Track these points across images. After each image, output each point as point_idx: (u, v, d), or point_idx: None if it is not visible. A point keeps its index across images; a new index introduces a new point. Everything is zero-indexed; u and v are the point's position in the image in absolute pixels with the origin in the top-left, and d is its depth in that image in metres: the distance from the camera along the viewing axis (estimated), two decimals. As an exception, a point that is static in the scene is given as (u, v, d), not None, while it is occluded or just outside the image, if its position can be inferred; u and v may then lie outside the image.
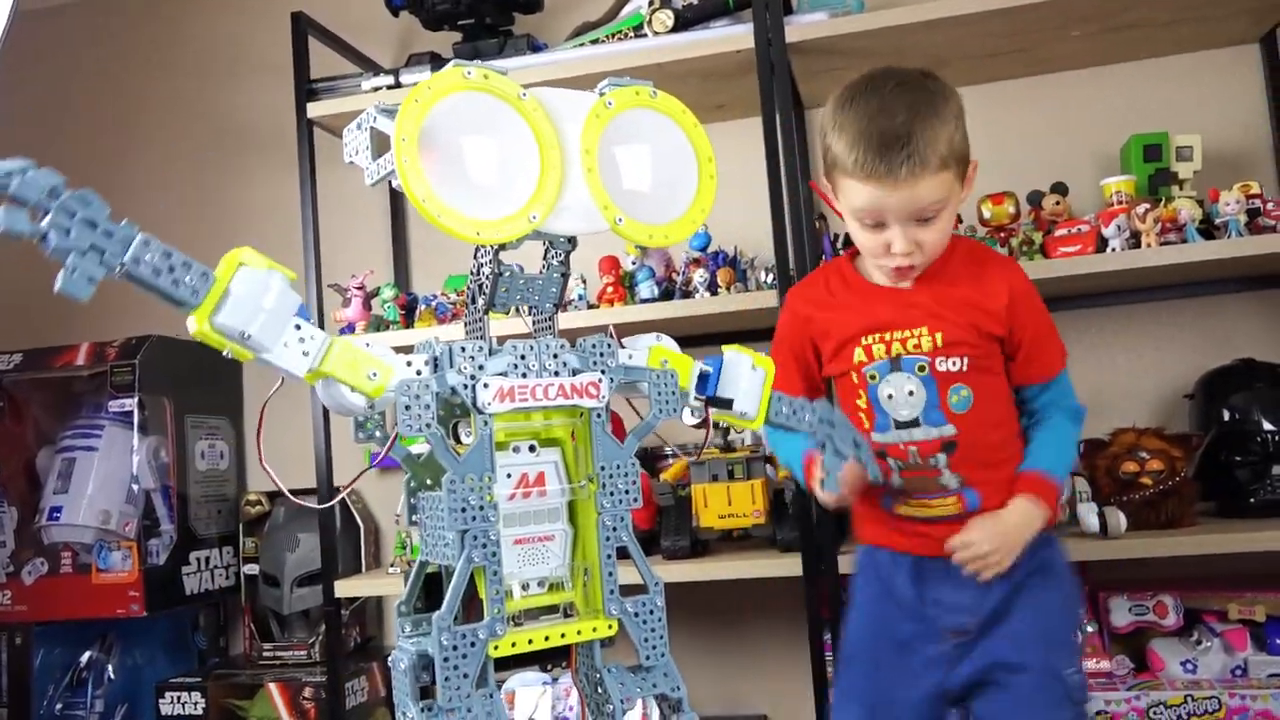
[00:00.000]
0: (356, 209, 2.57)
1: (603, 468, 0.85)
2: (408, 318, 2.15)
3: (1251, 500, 1.82)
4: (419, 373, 0.80)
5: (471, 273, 0.88)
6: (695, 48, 1.98)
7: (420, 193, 0.77)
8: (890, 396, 1.37)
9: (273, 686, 2.28)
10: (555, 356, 0.84)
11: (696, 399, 0.95)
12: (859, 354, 1.39)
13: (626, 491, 0.86)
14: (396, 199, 2.57)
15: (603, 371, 0.86)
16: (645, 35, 2.05)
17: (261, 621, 2.45)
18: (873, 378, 1.38)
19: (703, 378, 0.95)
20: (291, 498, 0.94)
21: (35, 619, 2.34)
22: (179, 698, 2.31)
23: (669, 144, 0.91)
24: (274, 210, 2.62)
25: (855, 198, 1.32)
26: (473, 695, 0.78)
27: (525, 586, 0.86)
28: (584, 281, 2.06)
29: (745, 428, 1.04)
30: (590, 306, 2.05)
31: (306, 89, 2.20)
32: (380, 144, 0.82)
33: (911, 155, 1.26)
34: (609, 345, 0.87)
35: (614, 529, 0.85)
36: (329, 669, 2.18)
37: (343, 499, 2.40)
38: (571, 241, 0.90)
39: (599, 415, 0.86)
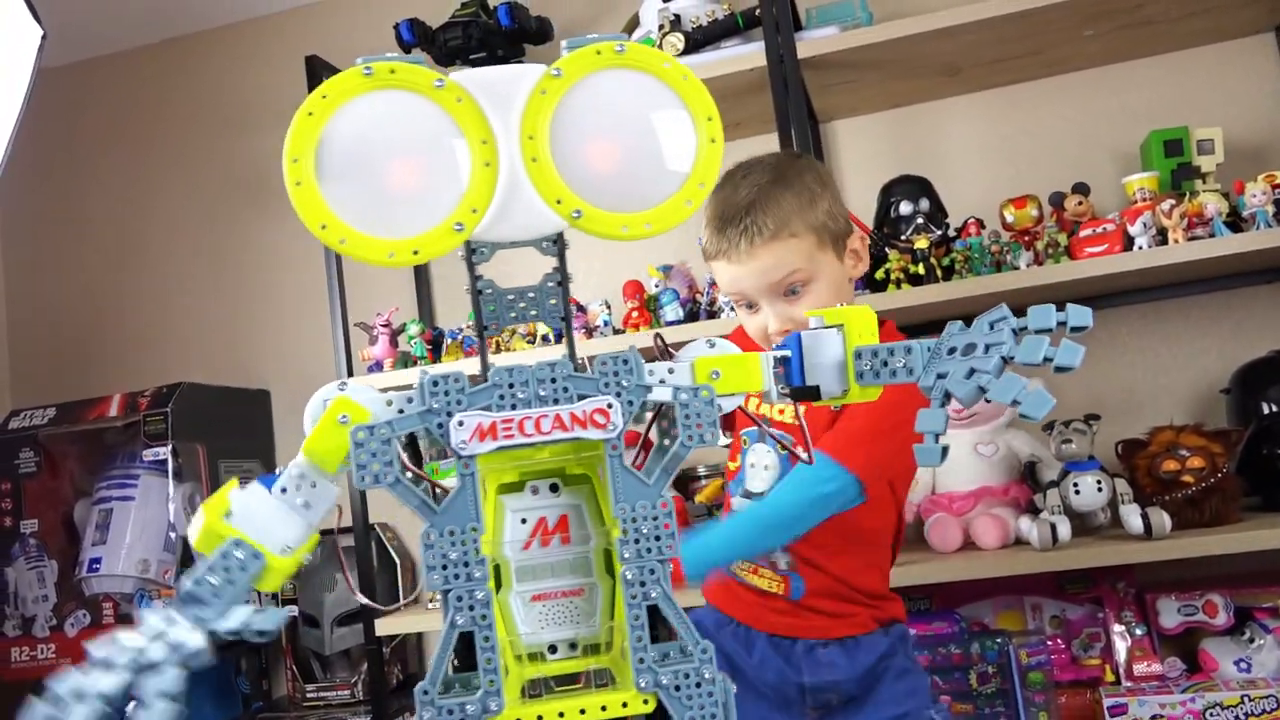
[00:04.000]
0: (378, 246, 2.59)
1: (623, 509, 0.69)
2: (435, 352, 2.16)
3: (1297, 493, 1.79)
4: (401, 411, 0.69)
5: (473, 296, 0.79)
6: (708, 69, 1.99)
7: (316, 221, 0.68)
8: (752, 465, 1.35)
9: (318, 727, 2.28)
10: (553, 381, 0.69)
11: (782, 392, 0.77)
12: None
13: (657, 538, 0.68)
14: (417, 234, 2.58)
15: (617, 394, 0.69)
16: (657, 59, 2.05)
17: (303, 663, 2.45)
18: (744, 442, 1.37)
19: (786, 365, 0.77)
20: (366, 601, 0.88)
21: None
22: (225, 743, 2.32)
23: (650, 108, 0.73)
24: (297, 253, 2.64)
25: (720, 278, 1.35)
26: None
27: (553, 649, 0.74)
28: (609, 307, 2.06)
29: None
30: (616, 331, 2.05)
31: (324, 131, 2.21)
32: None
33: (748, 227, 1.28)
34: (627, 363, 0.70)
35: (641, 584, 0.68)
36: (373, 707, 2.18)
37: (378, 535, 2.40)
38: (556, 242, 0.76)
39: (614, 448, 0.69)
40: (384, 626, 2.14)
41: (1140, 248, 1.78)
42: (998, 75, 2.17)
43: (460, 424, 0.67)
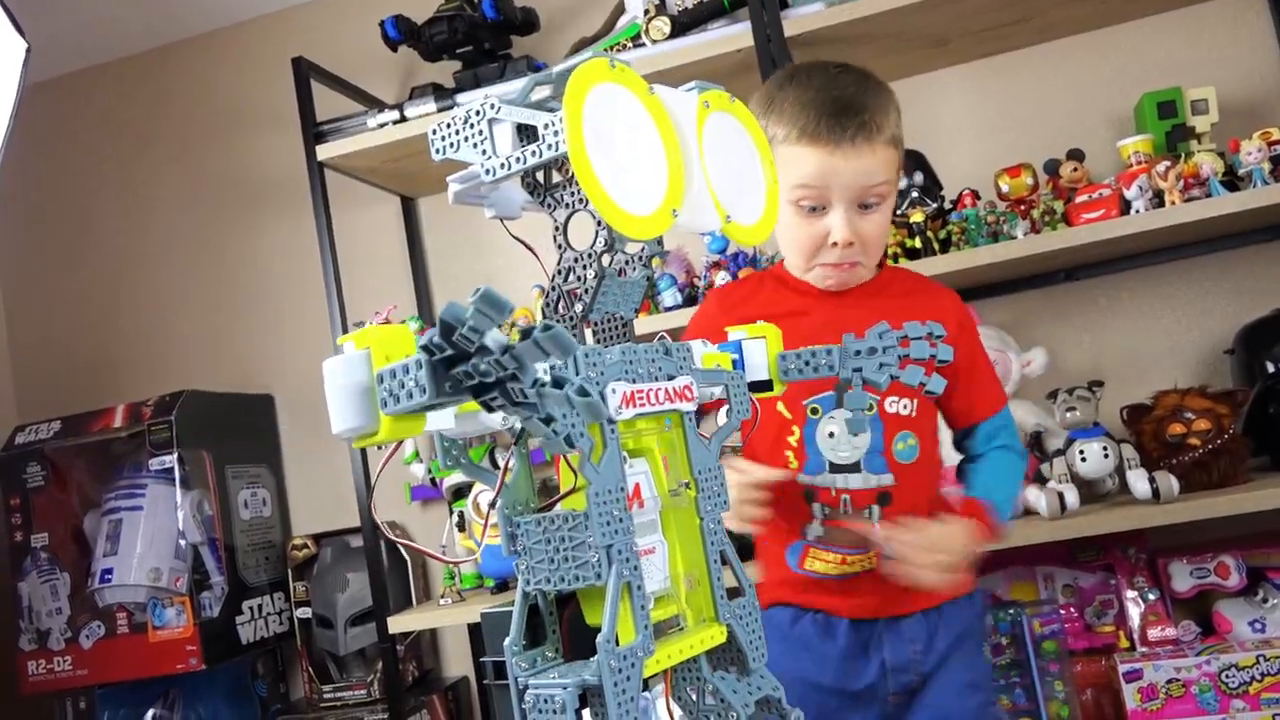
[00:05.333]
0: (373, 246, 2.59)
1: (700, 472, 0.83)
2: (435, 349, 2.15)
3: (1305, 451, 1.79)
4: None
5: (554, 278, 0.84)
6: (695, 51, 1.98)
7: (594, 187, 0.74)
8: (832, 435, 1.25)
9: (336, 728, 2.29)
10: (654, 361, 0.81)
11: None
12: None
13: (719, 495, 0.83)
14: (412, 230, 2.58)
15: (689, 374, 0.84)
16: (644, 44, 2.04)
17: (319, 664, 2.45)
18: (814, 412, 1.25)
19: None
20: (435, 555, 0.86)
21: (97, 681, 2.36)
22: (245, 747, 2.33)
23: (743, 147, 0.90)
24: (294, 255, 2.64)
25: (801, 168, 1.22)
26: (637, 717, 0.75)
27: None
28: (606, 295, 2.05)
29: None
30: (615, 319, 2.04)
31: (314, 132, 2.21)
32: (502, 136, 0.78)
33: (865, 122, 1.21)
34: (688, 349, 0.84)
35: (715, 532, 0.83)
36: (390, 705, 2.18)
37: (388, 535, 2.40)
38: (660, 243, 0.86)
39: (690, 419, 0.83)
40: (397, 624, 2.14)
41: (1137, 211, 1.77)
42: (987, 44, 2.16)
43: (614, 391, 0.77)
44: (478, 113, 0.80)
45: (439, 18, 2.23)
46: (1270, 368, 1.86)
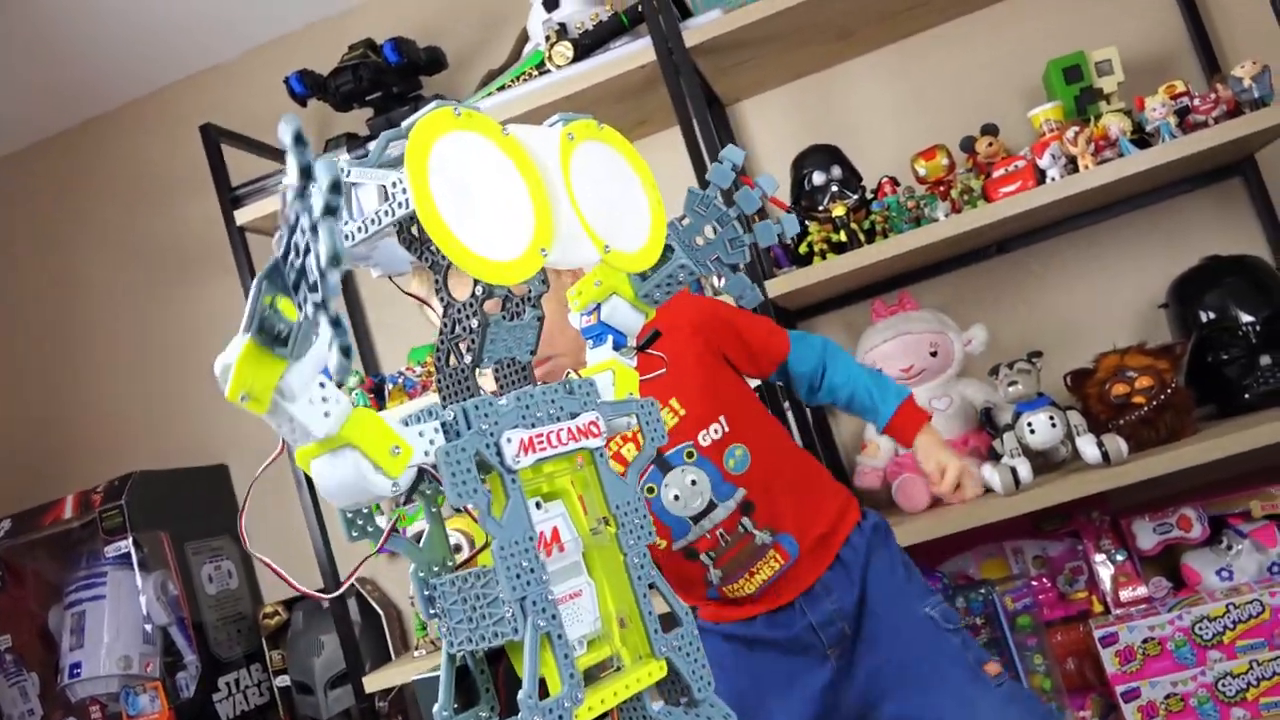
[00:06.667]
0: (310, 302, 2.56)
1: (617, 507, 0.82)
2: (378, 399, 2.13)
3: (1246, 395, 1.80)
4: (431, 441, 0.75)
5: (444, 330, 0.84)
6: (600, 72, 1.97)
7: (447, 239, 0.71)
8: (677, 498, 1.32)
9: (327, 794, 2.25)
10: (553, 401, 0.80)
11: (632, 350, 0.93)
12: None
13: (642, 527, 0.83)
14: (346, 282, 2.55)
15: (594, 410, 0.82)
16: (549, 70, 2.03)
17: (304, 731, 2.42)
18: (650, 490, 1.33)
19: (617, 346, 0.92)
20: (297, 586, 0.82)
21: (77, 779, 2.31)
22: (237, 825, 2.28)
23: (618, 173, 0.89)
24: (223, 320, 2.59)
25: None
26: None
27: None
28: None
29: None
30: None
31: (230, 197, 2.19)
32: (368, 197, 0.76)
33: None
34: (591, 383, 0.84)
35: (641, 566, 0.82)
36: (378, 764, 2.15)
37: (357, 590, 2.37)
38: (545, 282, 0.87)
39: (601, 454, 0.82)
40: (374, 682, 2.11)
41: (1052, 179, 1.77)
42: (890, 31, 2.17)
43: (509, 440, 0.76)
44: None
45: (343, 68, 2.22)
46: (1204, 317, 1.87)
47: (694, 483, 1.31)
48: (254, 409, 0.67)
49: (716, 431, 1.33)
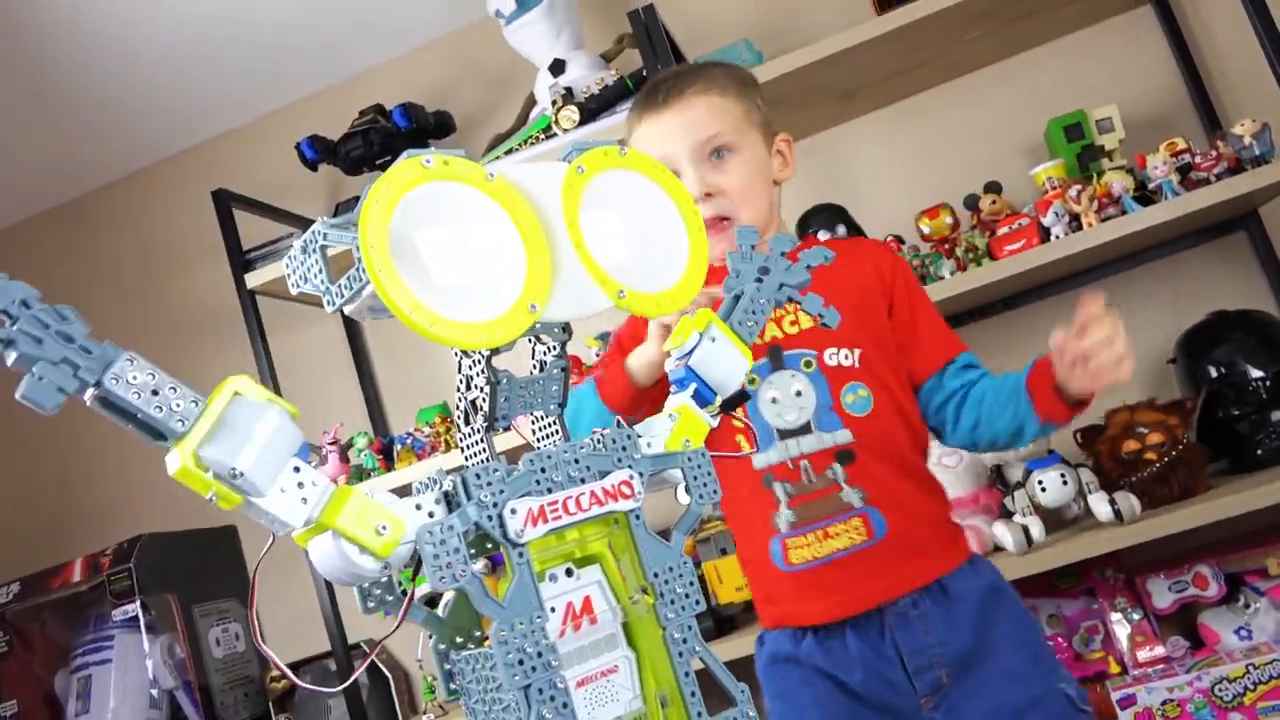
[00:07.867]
0: (320, 364, 2.57)
1: (656, 574, 0.73)
2: (387, 461, 2.13)
3: (1259, 451, 1.78)
4: (430, 514, 0.69)
5: (458, 389, 0.79)
6: (605, 135, 2.00)
7: (405, 304, 0.65)
8: (775, 400, 1.19)
9: None
10: (576, 461, 0.72)
11: (715, 414, 0.82)
12: None
13: (687, 595, 0.73)
14: (356, 341, 2.57)
15: (629, 466, 0.73)
16: (555, 134, 2.06)
17: (313, 798, 2.38)
18: (751, 381, 1.24)
19: (700, 398, 0.81)
20: (296, 681, 0.77)
21: None
22: None
23: (648, 202, 0.80)
24: (239, 383, 2.62)
25: (641, 149, 1.15)
26: None
27: None
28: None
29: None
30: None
31: (241, 261, 2.21)
32: (339, 264, 0.69)
33: (674, 84, 1.28)
34: (629, 437, 0.75)
35: (684, 640, 0.72)
36: (386, 833, 2.12)
37: (365, 655, 2.35)
38: (566, 330, 0.81)
39: (637, 517, 0.73)
40: (382, 748, 2.09)
41: (1056, 237, 1.78)
42: (893, 90, 2.20)
43: (513, 511, 0.68)
44: (311, 242, 0.73)
45: (353, 133, 2.26)
46: (1214, 371, 1.86)
47: (799, 394, 1.18)
48: (227, 507, 0.65)
49: (847, 358, 1.20)
